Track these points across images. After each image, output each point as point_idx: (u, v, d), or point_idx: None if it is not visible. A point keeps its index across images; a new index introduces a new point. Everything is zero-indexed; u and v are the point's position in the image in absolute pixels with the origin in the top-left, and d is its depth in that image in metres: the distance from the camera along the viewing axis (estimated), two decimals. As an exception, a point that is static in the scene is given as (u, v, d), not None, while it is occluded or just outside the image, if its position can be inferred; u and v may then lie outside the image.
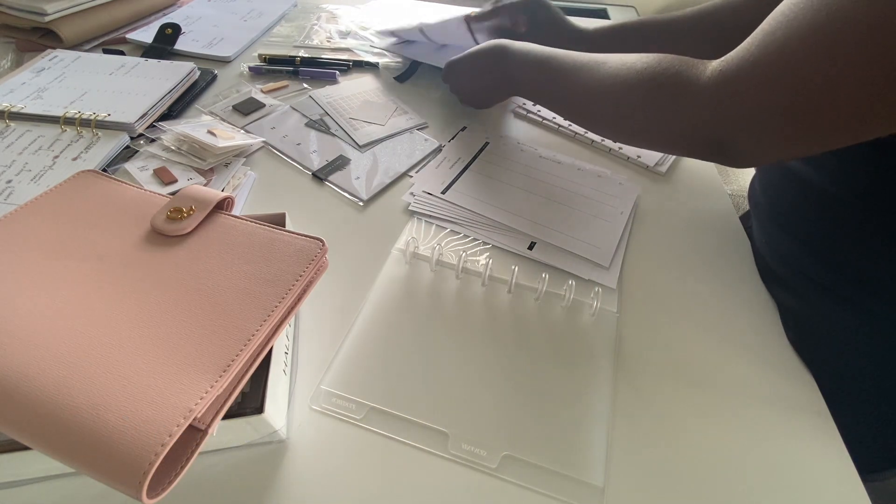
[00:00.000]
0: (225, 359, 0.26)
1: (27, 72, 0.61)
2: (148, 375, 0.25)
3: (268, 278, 0.31)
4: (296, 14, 0.87)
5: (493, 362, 0.38)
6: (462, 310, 0.41)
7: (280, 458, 0.32)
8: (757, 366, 0.39)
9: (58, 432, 0.23)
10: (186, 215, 0.33)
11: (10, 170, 0.49)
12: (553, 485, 0.31)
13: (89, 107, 0.56)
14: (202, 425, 0.25)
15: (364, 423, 0.34)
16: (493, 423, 0.34)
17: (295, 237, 0.33)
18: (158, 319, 0.28)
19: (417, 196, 0.51)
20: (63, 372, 0.24)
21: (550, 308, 0.42)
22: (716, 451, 0.34)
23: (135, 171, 0.50)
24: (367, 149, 0.57)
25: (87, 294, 0.29)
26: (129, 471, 0.21)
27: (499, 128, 0.63)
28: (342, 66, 0.70)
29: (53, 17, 0.66)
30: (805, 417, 0.36)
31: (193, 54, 0.72)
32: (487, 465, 0.32)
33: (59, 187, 0.36)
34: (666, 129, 0.39)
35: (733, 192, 1.21)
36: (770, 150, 0.34)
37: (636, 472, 0.33)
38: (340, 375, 0.36)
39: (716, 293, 0.45)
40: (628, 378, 0.38)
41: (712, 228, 0.51)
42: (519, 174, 0.55)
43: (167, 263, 0.31)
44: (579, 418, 0.35)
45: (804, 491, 0.32)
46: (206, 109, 0.61)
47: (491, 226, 0.49)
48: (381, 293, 0.42)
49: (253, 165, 0.54)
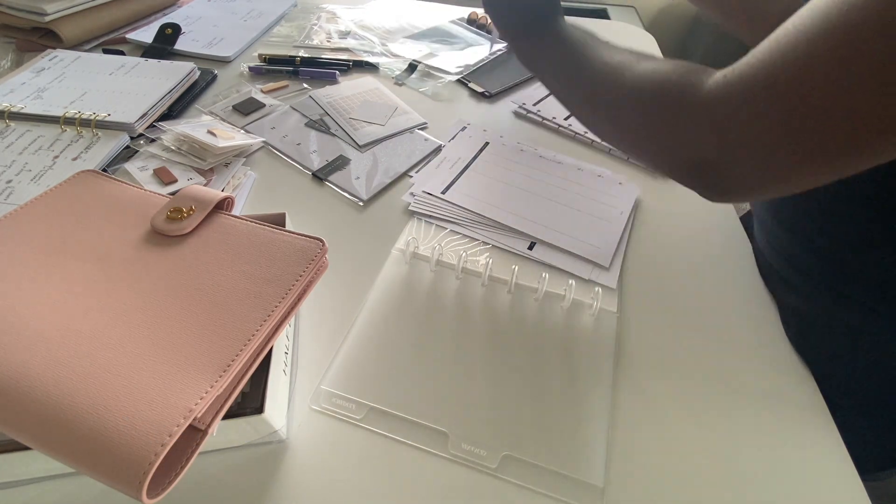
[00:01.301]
0: (225, 359, 0.26)
1: (27, 72, 0.61)
2: (148, 375, 0.25)
3: (268, 278, 0.31)
4: (296, 14, 0.87)
5: (493, 362, 0.38)
6: (462, 310, 0.41)
7: (280, 458, 0.32)
8: (757, 366, 0.39)
9: (58, 432, 0.23)
10: (186, 215, 0.33)
11: (10, 170, 0.49)
12: (553, 485, 0.31)
13: (89, 107, 0.56)
14: (202, 425, 0.25)
15: (364, 423, 0.34)
16: (493, 423, 0.34)
17: (295, 237, 0.33)
18: (158, 319, 0.28)
19: (417, 196, 0.51)
20: (63, 372, 0.24)
21: (550, 308, 0.42)
22: (715, 450, 0.34)
23: (135, 171, 0.50)
24: (367, 149, 0.57)
25: (87, 294, 0.29)
26: (129, 471, 0.21)
27: (499, 128, 0.63)
28: (342, 66, 0.70)
29: (53, 17, 0.66)
30: (805, 417, 0.36)
31: (193, 54, 0.72)
32: (487, 465, 0.32)
33: (59, 187, 0.36)
34: (651, 139, 0.36)
35: (733, 192, 1.21)
36: (762, 177, 0.30)
37: (636, 472, 0.33)
38: (340, 375, 0.36)
39: (716, 293, 0.45)
40: (628, 378, 0.38)
41: (712, 228, 0.51)
42: (519, 174, 0.55)
43: (167, 263, 0.31)
44: (579, 418, 0.35)
45: (804, 490, 0.32)
46: (206, 109, 0.61)
47: (491, 226, 0.49)
48: (381, 293, 0.42)
49: (253, 165, 0.54)
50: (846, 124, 0.25)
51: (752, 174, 0.30)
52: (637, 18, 1.65)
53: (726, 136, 0.30)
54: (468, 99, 0.68)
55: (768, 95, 0.27)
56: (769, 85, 0.27)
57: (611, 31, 0.87)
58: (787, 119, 0.27)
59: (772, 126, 0.27)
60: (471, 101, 0.67)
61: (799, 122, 0.26)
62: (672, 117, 0.33)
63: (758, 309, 0.44)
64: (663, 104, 0.34)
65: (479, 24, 0.85)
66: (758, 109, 0.28)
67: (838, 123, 0.25)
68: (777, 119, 0.27)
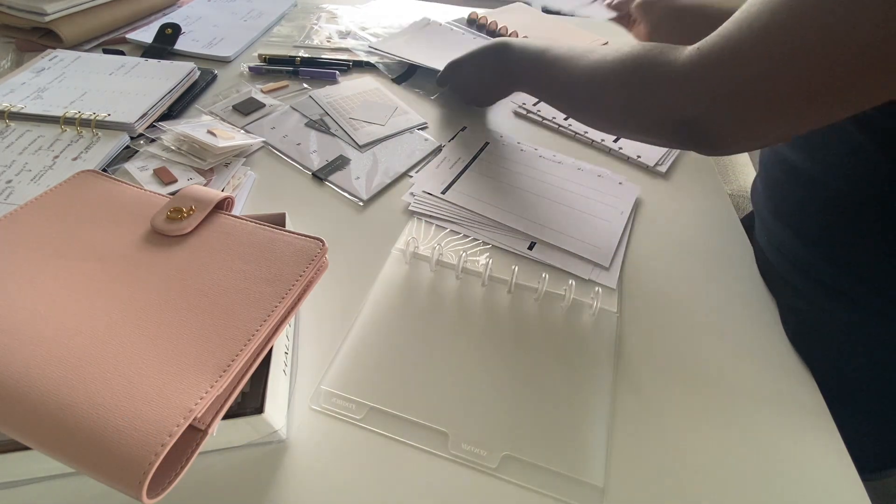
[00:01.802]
0: (225, 359, 0.26)
1: (27, 72, 0.61)
2: (148, 375, 0.25)
3: (268, 278, 0.31)
4: (296, 14, 0.87)
5: (493, 362, 0.38)
6: (462, 310, 0.41)
7: (280, 458, 0.32)
8: (757, 365, 0.39)
9: (58, 432, 0.23)
10: (186, 215, 0.33)
11: (10, 170, 0.49)
12: (553, 485, 0.31)
13: (89, 107, 0.56)
14: (202, 425, 0.25)
15: (364, 423, 0.34)
16: (493, 423, 0.34)
17: (295, 237, 0.33)
18: (158, 319, 0.28)
19: (417, 196, 0.51)
20: (63, 372, 0.24)
21: (550, 308, 0.42)
22: (715, 450, 0.34)
23: (135, 171, 0.50)
24: (367, 149, 0.57)
25: (87, 294, 0.29)
26: (129, 471, 0.21)
27: (499, 128, 0.63)
28: (342, 66, 0.70)
29: (53, 17, 0.66)
30: (805, 416, 0.36)
31: (193, 54, 0.72)
32: (487, 465, 0.32)
33: (59, 187, 0.36)
34: (640, 111, 0.39)
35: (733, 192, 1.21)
36: (742, 130, 0.34)
37: (636, 472, 0.33)
38: (340, 375, 0.36)
39: (716, 293, 0.45)
40: (628, 378, 0.38)
41: (712, 228, 0.51)
42: (519, 174, 0.55)
43: (167, 263, 0.31)
44: (579, 418, 0.35)
45: (804, 490, 0.32)
46: (206, 109, 0.61)
47: (491, 226, 0.49)
48: (381, 293, 0.42)
49: (253, 165, 0.54)
50: (799, 82, 0.30)
51: (733, 127, 0.34)
52: (637, 18, 1.65)
53: (705, 97, 0.34)
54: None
55: (735, 58, 0.32)
56: (736, 49, 0.32)
57: (611, 31, 0.87)
58: (753, 78, 0.31)
59: (741, 85, 0.32)
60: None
61: (762, 81, 0.31)
62: (654, 86, 0.37)
63: (757, 308, 0.44)
64: (644, 78, 0.38)
65: (479, 25, 0.85)
66: (728, 72, 0.33)
67: (792, 81, 0.30)
68: (744, 78, 0.32)
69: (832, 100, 0.30)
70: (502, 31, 0.82)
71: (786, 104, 0.31)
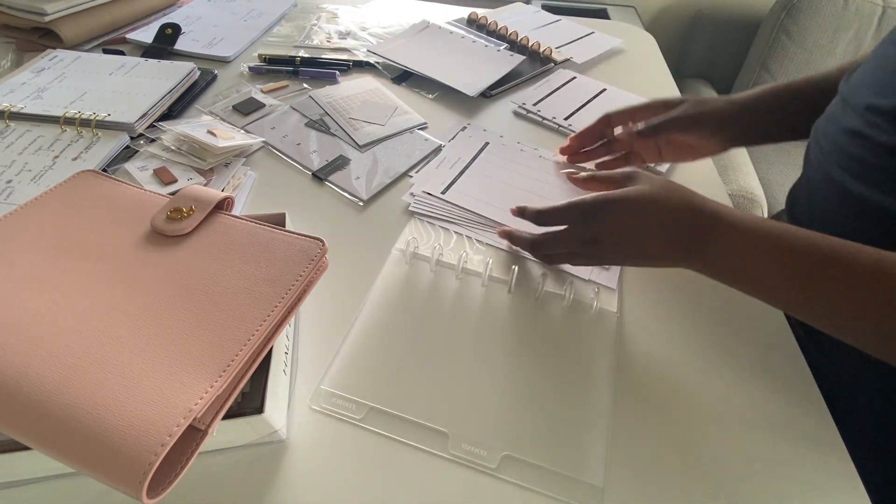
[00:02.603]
0: (225, 359, 0.26)
1: (27, 72, 0.61)
2: (148, 375, 0.25)
3: (268, 278, 0.31)
4: (296, 14, 0.87)
5: (493, 362, 0.38)
6: (462, 310, 0.41)
7: (280, 458, 0.32)
8: (757, 365, 0.39)
9: (58, 432, 0.23)
10: (186, 215, 0.33)
11: (10, 170, 0.49)
12: (553, 485, 0.31)
13: (89, 107, 0.56)
14: (202, 425, 0.25)
15: (364, 423, 0.34)
16: (493, 423, 0.34)
17: (295, 237, 0.33)
18: (158, 319, 0.28)
19: (417, 196, 0.51)
20: (63, 372, 0.24)
21: (550, 308, 0.42)
22: (715, 450, 0.34)
23: (135, 171, 0.50)
24: (367, 149, 0.57)
25: (87, 294, 0.29)
26: (129, 471, 0.21)
27: (499, 128, 0.63)
28: (342, 66, 0.70)
29: (53, 17, 0.66)
30: (808, 414, 0.36)
31: (193, 54, 0.72)
32: (487, 465, 0.32)
33: (59, 187, 0.36)
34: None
35: (733, 193, 1.21)
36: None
37: (636, 472, 0.33)
38: (340, 375, 0.36)
39: (715, 292, 0.45)
40: (628, 378, 0.38)
41: (712, 228, 0.51)
42: (519, 174, 0.55)
43: (167, 263, 0.31)
44: (579, 418, 0.35)
45: (803, 490, 0.32)
46: (206, 109, 0.61)
47: (491, 226, 0.49)
48: (381, 293, 0.42)
49: (253, 165, 0.54)
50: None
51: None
52: (637, 18, 1.65)
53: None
54: (468, 99, 0.67)
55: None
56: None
57: (611, 31, 0.87)
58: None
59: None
60: (471, 100, 0.67)
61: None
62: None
63: (760, 308, 0.44)
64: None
65: (479, 25, 0.85)
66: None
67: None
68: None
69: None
70: (502, 31, 0.82)
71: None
